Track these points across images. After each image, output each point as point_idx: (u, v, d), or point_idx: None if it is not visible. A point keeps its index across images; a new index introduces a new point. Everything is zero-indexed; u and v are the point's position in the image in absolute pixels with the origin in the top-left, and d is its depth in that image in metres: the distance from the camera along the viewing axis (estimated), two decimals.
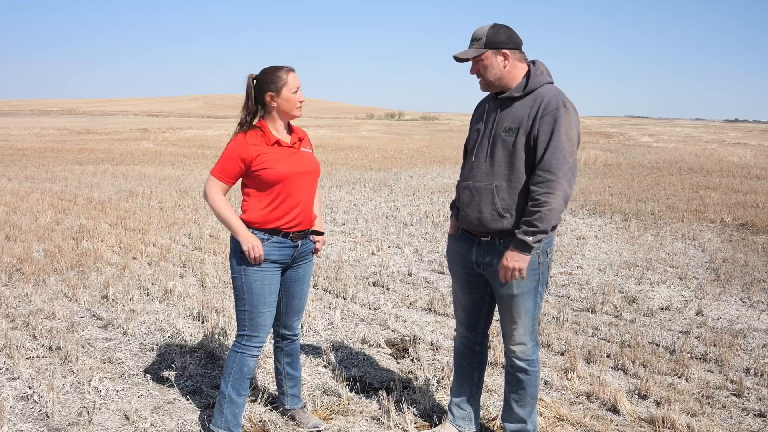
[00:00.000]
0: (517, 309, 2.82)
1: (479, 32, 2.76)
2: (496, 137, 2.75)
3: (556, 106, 2.64)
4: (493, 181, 2.74)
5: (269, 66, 2.94)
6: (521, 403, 2.94)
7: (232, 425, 3.00)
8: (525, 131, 2.67)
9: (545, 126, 2.63)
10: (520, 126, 2.69)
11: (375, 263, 6.68)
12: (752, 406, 3.57)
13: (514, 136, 2.69)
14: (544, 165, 2.61)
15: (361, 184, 13.23)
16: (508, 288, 2.80)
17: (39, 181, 12.94)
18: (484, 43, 2.73)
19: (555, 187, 2.58)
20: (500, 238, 2.77)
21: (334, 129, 44.26)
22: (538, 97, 2.69)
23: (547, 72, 2.79)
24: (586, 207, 10.67)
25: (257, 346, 2.99)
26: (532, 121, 2.66)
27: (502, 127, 2.74)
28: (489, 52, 2.74)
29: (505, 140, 2.72)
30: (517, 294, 2.79)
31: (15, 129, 36.71)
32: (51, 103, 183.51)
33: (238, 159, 2.87)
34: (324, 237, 3.20)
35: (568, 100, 2.68)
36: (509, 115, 2.74)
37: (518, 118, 2.70)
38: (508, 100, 2.77)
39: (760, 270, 6.64)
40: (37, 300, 5.14)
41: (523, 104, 2.72)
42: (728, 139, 39.95)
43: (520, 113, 2.71)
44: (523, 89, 2.73)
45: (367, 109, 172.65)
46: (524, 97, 2.73)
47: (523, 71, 2.77)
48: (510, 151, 2.70)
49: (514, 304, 2.82)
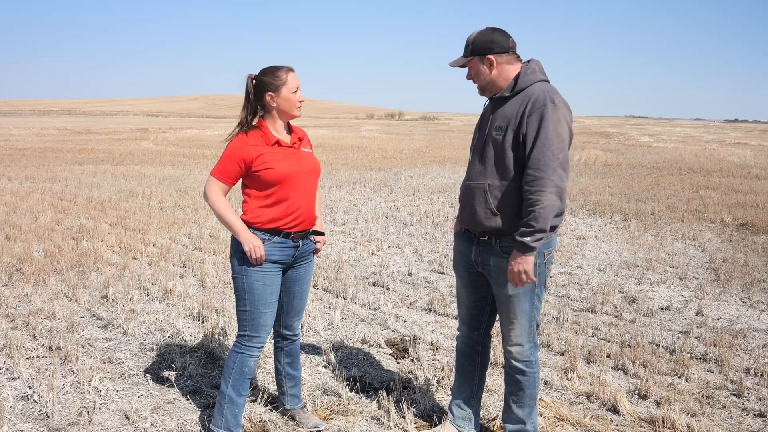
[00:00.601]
0: (513, 310, 2.82)
1: (468, 39, 2.78)
2: (488, 137, 2.78)
3: (543, 103, 2.62)
4: (485, 179, 2.75)
5: (268, 66, 2.94)
6: (520, 404, 2.94)
7: (232, 425, 3.00)
8: (513, 129, 2.67)
9: (533, 123, 2.61)
10: (509, 124, 2.69)
11: (375, 263, 6.68)
12: (752, 406, 3.57)
13: (503, 134, 2.70)
14: (533, 163, 2.59)
15: (361, 184, 13.23)
16: (504, 288, 2.80)
17: (39, 181, 12.94)
18: (470, 50, 2.75)
19: (545, 185, 2.56)
20: (496, 238, 2.78)
21: (334, 129, 44.25)
22: (527, 96, 2.69)
23: (540, 70, 2.77)
24: (586, 207, 10.67)
25: (258, 346, 2.99)
26: (519, 119, 2.66)
27: (494, 127, 2.75)
28: (475, 59, 2.75)
29: (495, 139, 2.73)
30: (513, 295, 2.79)
31: (15, 129, 36.71)
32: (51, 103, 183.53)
33: (238, 159, 2.86)
34: (324, 237, 3.20)
35: (558, 96, 2.65)
36: (500, 115, 2.75)
37: (507, 117, 2.71)
38: (500, 101, 2.78)
39: (760, 270, 6.64)
40: (37, 300, 5.14)
41: (513, 103, 2.72)
42: (728, 139, 39.95)
43: (509, 112, 2.71)
44: (512, 89, 2.73)
45: (367, 109, 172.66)
46: (514, 96, 2.73)
47: (516, 72, 2.77)
48: (499, 150, 2.71)
49: (511, 304, 2.81)
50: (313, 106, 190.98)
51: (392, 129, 49.56)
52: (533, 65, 2.78)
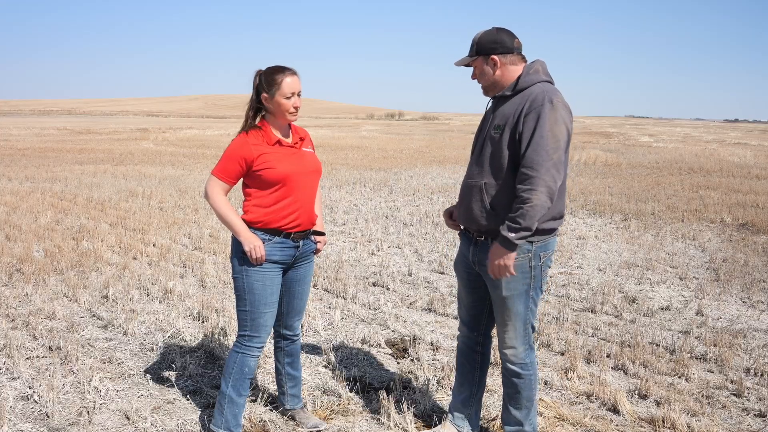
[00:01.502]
0: (507, 312, 2.81)
1: (474, 38, 2.79)
2: (486, 135, 2.79)
3: (541, 102, 2.61)
4: (482, 178, 2.76)
5: (273, 66, 2.93)
6: (517, 406, 2.94)
7: (233, 425, 3.00)
8: (510, 127, 2.67)
9: (529, 122, 2.60)
10: (506, 123, 2.69)
11: (375, 263, 6.68)
12: (752, 406, 3.57)
13: (500, 133, 2.70)
14: (527, 161, 2.58)
15: (361, 184, 13.23)
16: (498, 289, 2.79)
17: (39, 181, 12.94)
18: (475, 50, 2.76)
19: (537, 183, 2.54)
20: (493, 238, 2.77)
21: (334, 129, 44.25)
22: (526, 95, 2.68)
23: (544, 71, 2.77)
24: (586, 207, 10.67)
25: (258, 346, 2.99)
26: (517, 119, 2.66)
27: (493, 126, 2.76)
28: (480, 59, 2.76)
29: (493, 137, 2.74)
30: (507, 296, 2.78)
31: (15, 129, 36.71)
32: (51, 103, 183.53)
33: (239, 159, 2.86)
34: (325, 237, 3.20)
35: (557, 97, 2.64)
36: (500, 114, 2.76)
37: (506, 116, 2.71)
38: (501, 99, 2.79)
39: (760, 270, 6.64)
40: (37, 300, 5.14)
41: (513, 102, 2.73)
42: (728, 139, 39.95)
43: (508, 111, 2.72)
44: (513, 88, 2.74)
45: (367, 109, 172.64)
46: (514, 96, 2.74)
47: (513, 73, 2.77)
48: (495, 148, 2.72)
49: (505, 306, 2.81)
50: (313, 106, 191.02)
51: (392, 129, 49.56)
52: (536, 66, 2.78)
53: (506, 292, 2.77)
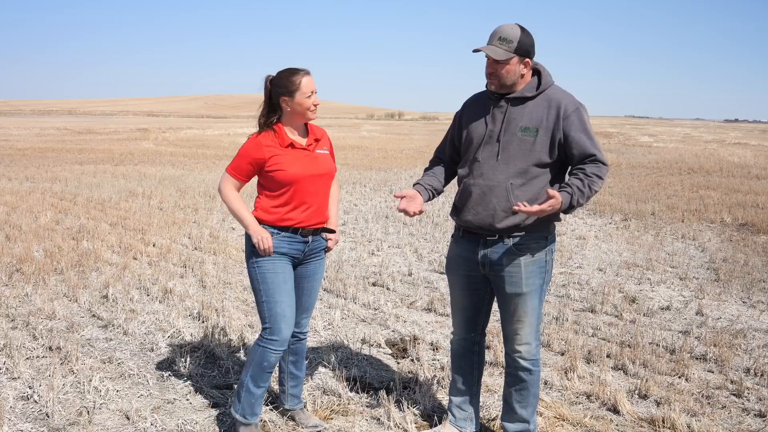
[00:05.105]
0: (524, 308, 2.83)
1: (510, 34, 2.69)
2: (510, 136, 2.76)
3: (575, 106, 2.74)
4: (508, 178, 2.75)
5: (285, 68, 2.99)
6: (524, 404, 2.94)
7: (248, 413, 3.04)
8: (547, 132, 2.72)
9: (575, 123, 2.72)
10: (539, 126, 2.73)
11: (375, 263, 6.68)
12: (752, 406, 3.57)
13: (534, 135, 2.73)
14: (588, 150, 2.74)
15: (361, 184, 13.23)
16: (516, 287, 2.80)
17: (39, 181, 12.94)
18: (514, 47, 2.69)
19: (605, 173, 2.76)
20: (509, 236, 2.77)
21: (335, 129, 44.24)
22: (552, 99, 2.74)
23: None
24: (586, 207, 10.67)
25: (277, 339, 2.98)
26: (554, 123, 2.72)
27: (518, 127, 2.75)
28: (516, 58, 2.72)
29: (523, 139, 2.74)
30: (526, 292, 2.81)
31: (15, 129, 36.71)
32: (51, 103, 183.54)
33: (250, 159, 2.96)
34: (336, 235, 3.22)
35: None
36: (524, 115, 2.76)
37: (536, 119, 2.74)
38: (518, 100, 2.78)
39: (760, 270, 6.64)
40: (37, 300, 5.14)
41: (537, 104, 2.75)
42: (728, 139, 39.95)
43: (537, 114, 2.74)
44: (536, 89, 2.77)
45: (367, 109, 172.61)
46: (536, 97, 2.76)
47: (530, 75, 2.81)
48: (528, 150, 2.73)
49: (521, 303, 2.82)
50: None
51: (392, 129, 49.56)
52: (545, 68, 2.84)
53: (526, 288, 2.80)
